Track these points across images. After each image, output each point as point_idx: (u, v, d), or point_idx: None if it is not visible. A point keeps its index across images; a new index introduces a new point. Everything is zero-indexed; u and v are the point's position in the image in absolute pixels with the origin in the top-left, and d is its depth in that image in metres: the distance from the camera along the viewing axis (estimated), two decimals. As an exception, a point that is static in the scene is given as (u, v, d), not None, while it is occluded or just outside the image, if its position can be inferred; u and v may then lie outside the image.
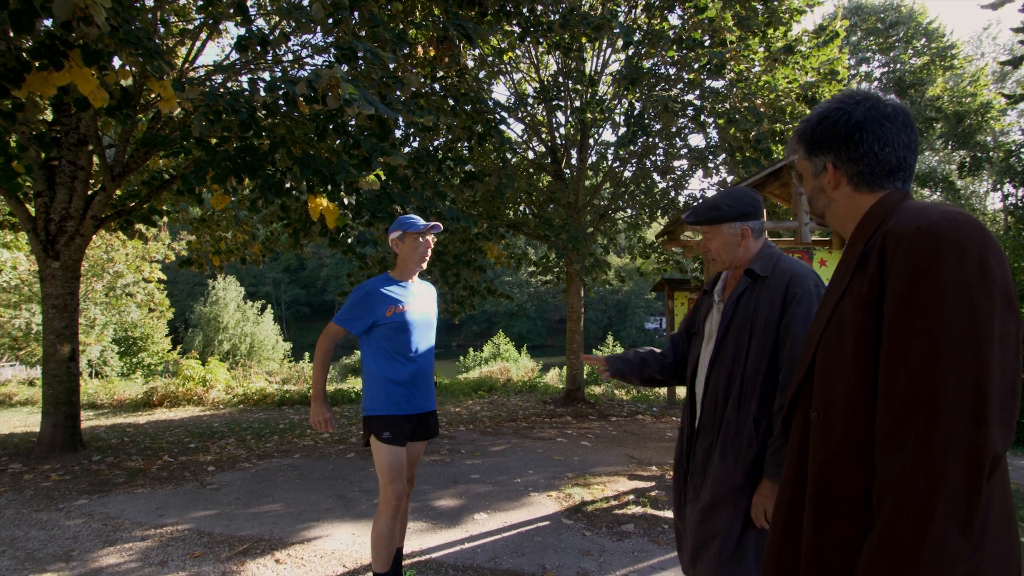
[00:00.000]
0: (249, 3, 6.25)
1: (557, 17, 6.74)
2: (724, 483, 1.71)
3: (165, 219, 8.45)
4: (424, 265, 2.75)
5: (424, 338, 2.74)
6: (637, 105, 8.30)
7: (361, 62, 4.65)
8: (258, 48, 4.69)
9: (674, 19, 8.34)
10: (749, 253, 1.84)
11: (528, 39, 7.38)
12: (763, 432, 1.67)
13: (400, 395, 2.63)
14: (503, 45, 8.56)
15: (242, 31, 4.41)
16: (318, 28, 4.92)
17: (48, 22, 3.47)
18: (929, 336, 0.84)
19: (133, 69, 4.37)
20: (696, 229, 1.93)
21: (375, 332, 2.62)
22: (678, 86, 8.45)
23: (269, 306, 33.65)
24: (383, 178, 4.85)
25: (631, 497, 4.38)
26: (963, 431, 0.80)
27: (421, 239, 2.69)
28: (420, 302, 2.74)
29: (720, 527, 1.71)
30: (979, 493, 0.80)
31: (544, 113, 10.03)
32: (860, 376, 0.95)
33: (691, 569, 1.81)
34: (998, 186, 22.11)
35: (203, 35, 6.72)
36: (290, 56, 6.65)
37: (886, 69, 21.86)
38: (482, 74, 9.30)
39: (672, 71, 8.38)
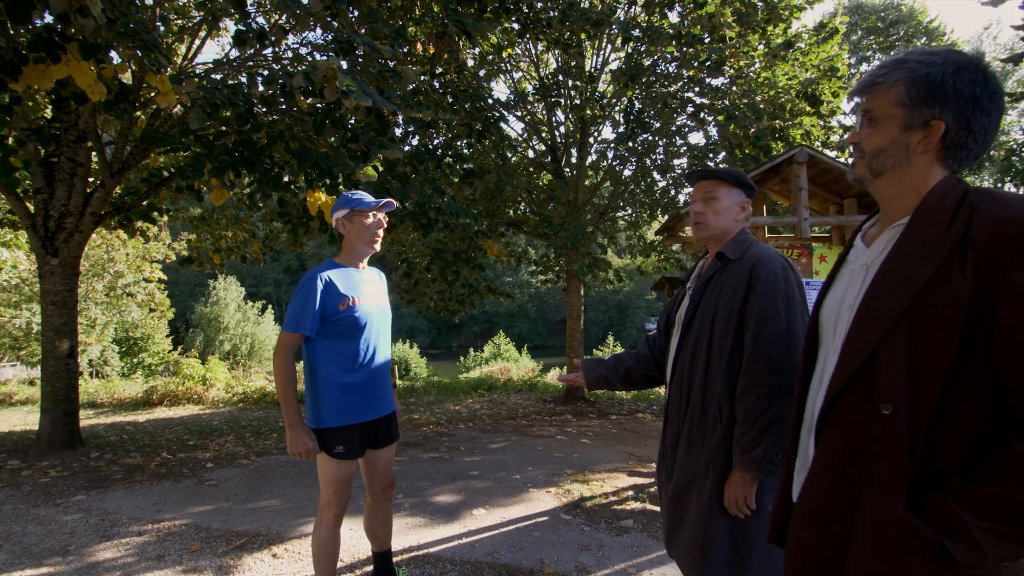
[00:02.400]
0: (248, 1, 6.25)
1: (556, 13, 6.74)
2: (690, 469, 1.72)
3: (165, 217, 8.45)
4: (376, 247, 2.38)
5: (381, 333, 2.41)
6: (637, 102, 8.29)
7: (360, 56, 4.64)
8: (257, 44, 4.68)
9: (674, 16, 8.34)
10: (731, 233, 1.81)
11: (527, 35, 7.37)
12: (727, 417, 1.65)
13: (357, 402, 2.29)
14: (503, 42, 8.55)
15: (240, 27, 4.40)
16: (316, 23, 4.91)
17: (46, 14, 3.47)
18: None
19: (131, 64, 4.37)
20: (706, 185, 1.83)
21: (325, 330, 2.25)
22: (678, 83, 8.44)
23: (270, 307, 33.72)
24: (380, 169, 4.83)
25: (630, 493, 4.36)
26: None
27: (372, 217, 2.33)
28: (374, 292, 2.39)
29: (687, 511, 1.72)
30: None
31: (544, 111, 10.03)
32: (955, 369, 0.89)
33: (668, 547, 1.84)
34: (999, 185, 22.08)
35: (202, 33, 6.73)
36: (289, 54, 6.66)
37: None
38: (482, 72, 9.29)
39: (672, 68, 8.37)
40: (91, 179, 6.34)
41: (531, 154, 10.72)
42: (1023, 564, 0.88)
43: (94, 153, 6.14)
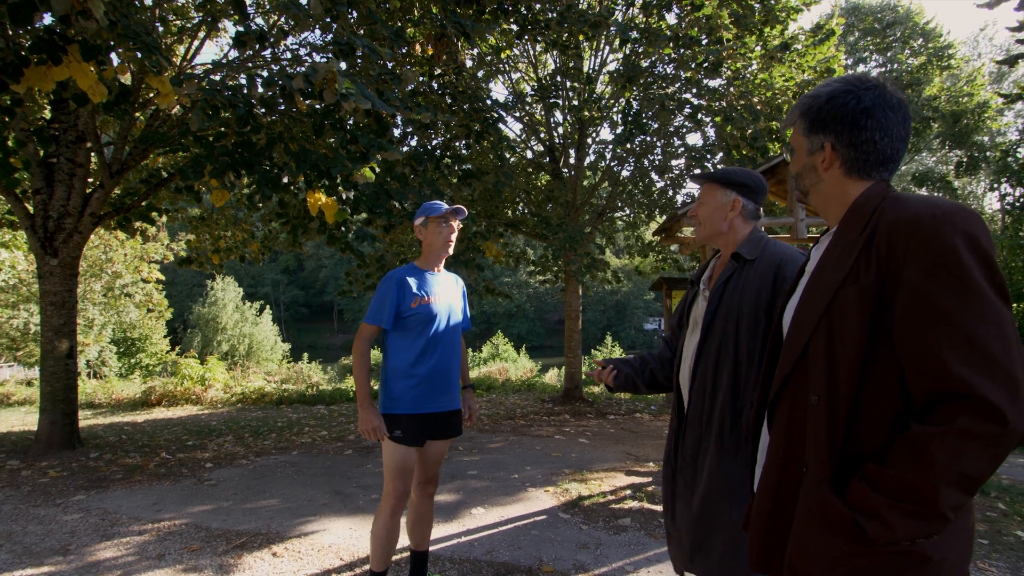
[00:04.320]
0: (248, 1, 6.26)
1: (554, 15, 6.77)
2: (723, 477, 1.63)
3: (164, 217, 8.46)
4: (450, 251, 2.61)
5: (449, 332, 2.60)
6: (635, 103, 8.32)
7: (359, 58, 4.66)
8: (256, 45, 4.70)
9: (671, 18, 8.37)
10: (736, 234, 1.78)
11: (525, 37, 7.40)
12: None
13: (419, 393, 2.48)
14: (501, 44, 8.58)
15: (240, 28, 4.42)
16: (316, 25, 4.93)
17: (47, 16, 3.48)
18: (957, 318, 0.89)
19: (131, 66, 4.39)
20: (701, 187, 1.87)
21: (398, 324, 2.49)
22: (675, 84, 8.47)
23: (268, 307, 33.61)
24: (378, 171, 4.84)
25: (628, 492, 4.39)
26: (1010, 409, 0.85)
27: (444, 224, 2.55)
28: (445, 293, 2.61)
29: (722, 522, 1.62)
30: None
31: (542, 112, 10.05)
32: (864, 360, 0.97)
33: (690, 565, 1.71)
34: (995, 186, 22.16)
35: (201, 33, 6.74)
36: (288, 55, 6.68)
37: (883, 69, 21.94)
38: (480, 73, 9.31)
39: (669, 69, 8.41)
40: (90, 180, 6.35)
41: (529, 155, 10.74)
42: (940, 541, 0.93)
43: (93, 154, 6.15)
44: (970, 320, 0.88)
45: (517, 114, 9.98)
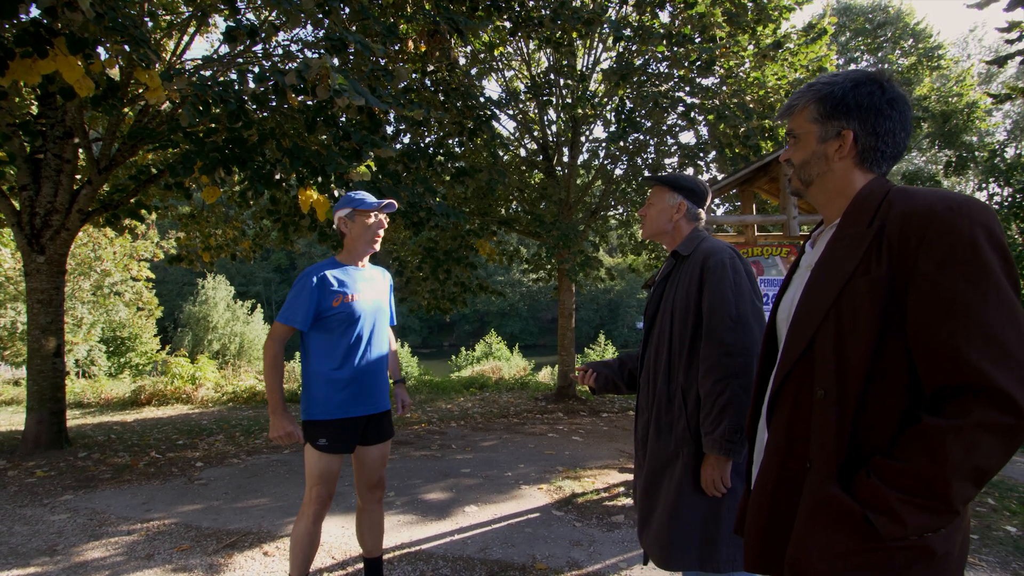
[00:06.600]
0: (238, -4, 6.19)
1: (548, 12, 6.76)
2: (659, 456, 1.79)
3: (154, 215, 8.37)
4: (376, 247, 2.45)
5: (376, 330, 2.44)
6: (628, 102, 8.33)
7: (351, 54, 4.63)
8: (247, 40, 4.66)
9: (664, 16, 8.38)
10: (679, 233, 1.93)
11: (519, 34, 7.38)
12: (692, 403, 1.72)
13: (345, 397, 2.32)
14: (495, 40, 8.55)
15: (230, 23, 4.37)
16: (308, 20, 4.89)
17: (33, 8, 3.43)
18: (974, 310, 0.88)
19: (119, 59, 4.32)
20: (650, 190, 2.04)
21: (319, 325, 2.31)
22: (668, 82, 8.49)
23: (259, 306, 33.42)
24: (373, 169, 4.81)
25: (621, 489, 4.39)
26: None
27: (373, 217, 2.39)
28: (371, 289, 2.44)
29: (659, 498, 1.78)
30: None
31: (535, 110, 10.04)
32: (875, 354, 0.96)
33: (640, 536, 1.88)
34: (983, 185, 22.39)
35: (191, 28, 6.67)
36: (280, 51, 6.62)
37: (874, 69, 22.09)
38: (473, 70, 9.28)
39: (662, 67, 8.42)
40: (78, 176, 6.26)
41: (523, 153, 10.73)
42: (945, 535, 0.92)
43: (81, 149, 6.07)
44: (987, 312, 0.88)
45: (510, 112, 9.97)
